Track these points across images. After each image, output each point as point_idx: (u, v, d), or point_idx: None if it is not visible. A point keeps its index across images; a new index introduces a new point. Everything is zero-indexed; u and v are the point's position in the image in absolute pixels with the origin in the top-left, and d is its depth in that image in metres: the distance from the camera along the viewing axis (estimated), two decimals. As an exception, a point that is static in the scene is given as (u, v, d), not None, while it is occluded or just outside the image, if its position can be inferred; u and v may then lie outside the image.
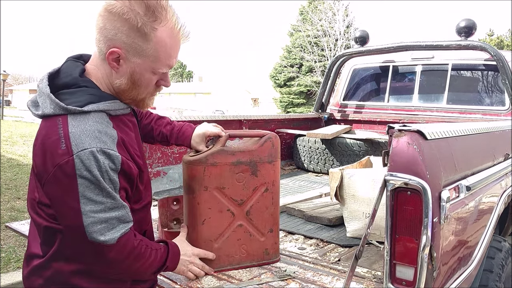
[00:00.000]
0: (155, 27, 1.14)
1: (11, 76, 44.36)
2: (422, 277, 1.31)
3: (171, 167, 3.02)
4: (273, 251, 1.79)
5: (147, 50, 1.16)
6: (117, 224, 1.14)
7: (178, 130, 1.71)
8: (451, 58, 3.89)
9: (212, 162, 1.65)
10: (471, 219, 1.67)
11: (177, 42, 1.21)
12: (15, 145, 11.25)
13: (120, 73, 1.19)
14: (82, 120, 1.11)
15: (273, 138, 1.76)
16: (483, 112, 3.61)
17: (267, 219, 1.76)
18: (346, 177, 2.16)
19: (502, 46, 26.77)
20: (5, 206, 5.36)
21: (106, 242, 1.12)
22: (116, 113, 1.21)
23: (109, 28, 1.13)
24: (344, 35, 24.81)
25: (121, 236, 1.15)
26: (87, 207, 1.09)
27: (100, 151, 1.09)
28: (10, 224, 2.31)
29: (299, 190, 3.11)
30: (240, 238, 1.72)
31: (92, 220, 1.10)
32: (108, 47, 1.15)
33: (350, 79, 4.54)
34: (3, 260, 3.78)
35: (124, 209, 1.16)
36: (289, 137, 4.19)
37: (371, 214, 1.42)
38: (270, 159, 1.75)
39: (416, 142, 1.35)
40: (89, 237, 1.10)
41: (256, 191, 1.73)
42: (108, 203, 1.12)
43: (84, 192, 1.08)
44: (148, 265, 1.28)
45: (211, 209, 1.67)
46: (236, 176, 1.69)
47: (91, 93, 1.16)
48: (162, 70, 1.21)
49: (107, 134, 1.13)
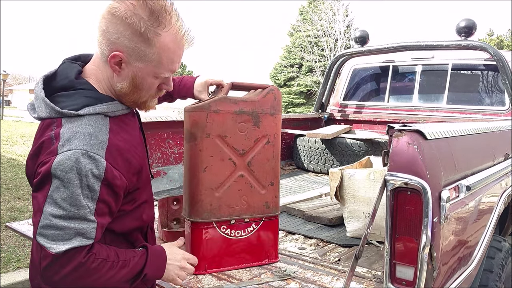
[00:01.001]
0: (159, 33, 1.12)
1: (11, 76, 44.38)
2: (422, 277, 1.31)
3: (171, 167, 3.02)
4: (273, 205, 1.81)
5: (150, 55, 1.14)
6: (73, 236, 1.05)
7: (178, 83, 1.73)
8: (451, 58, 3.89)
9: (215, 109, 1.66)
10: (471, 219, 1.67)
11: (181, 47, 1.20)
12: (15, 145, 11.26)
13: (122, 77, 1.17)
14: (75, 123, 1.10)
15: (275, 90, 1.78)
16: (483, 112, 3.61)
17: (268, 172, 1.78)
18: (346, 177, 2.16)
19: (502, 46, 26.76)
20: (5, 206, 5.36)
21: (49, 249, 1.03)
22: (115, 114, 1.19)
23: (112, 32, 1.11)
24: (344, 35, 24.81)
25: (70, 249, 1.05)
26: (48, 208, 1.04)
27: (85, 154, 1.05)
28: (10, 224, 2.31)
29: (299, 190, 3.11)
30: (241, 189, 1.73)
31: (47, 222, 1.04)
32: (110, 50, 1.13)
33: (350, 79, 4.54)
34: (3, 260, 3.78)
35: (87, 224, 1.07)
36: (289, 137, 4.19)
37: (371, 214, 1.42)
38: (272, 111, 1.76)
39: (416, 142, 1.35)
40: (37, 238, 1.04)
41: (258, 142, 1.74)
42: (71, 212, 1.04)
43: (53, 192, 1.04)
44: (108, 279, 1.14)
45: (212, 157, 1.67)
46: (239, 126, 1.70)
47: (87, 96, 1.14)
48: (164, 75, 1.20)
49: (98, 138, 1.09)
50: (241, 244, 1.77)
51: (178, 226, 2.13)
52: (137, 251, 1.23)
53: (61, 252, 1.04)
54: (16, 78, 66.18)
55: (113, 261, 1.14)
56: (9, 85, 55.76)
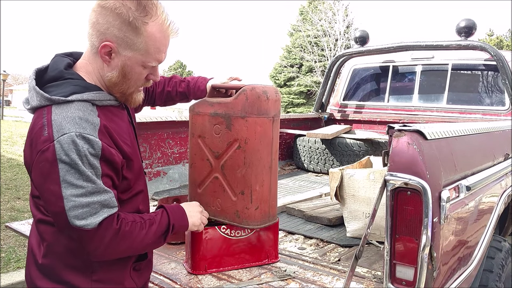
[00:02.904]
0: (146, 22, 1.19)
1: (11, 76, 44.34)
2: (422, 277, 1.31)
3: (171, 167, 3.02)
4: (244, 216, 1.69)
5: (138, 44, 1.20)
6: (100, 208, 1.13)
7: (193, 85, 1.81)
8: (451, 58, 3.90)
9: (197, 111, 1.76)
10: (471, 219, 1.67)
11: (166, 37, 1.26)
12: (15, 145, 11.25)
13: (112, 66, 1.23)
14: (65, 108, 1.15)
15: (248, 91, 1.63)
16: (483, 112, 3.61)
17: (239, 179, 1.67)
18: (346, 177, 2.16)
19: (502, 46, 26.77)
20: (5, 206, 5.36)
21: (85, 226, 1.11)
22: (102, 103, 1.24)
23: (101, 23, 1.18)
24: (344, 35, 24.80)
25: (103, 220, 1.14)
26: (68, 191, 1.09)
27: (79, 136, 1.10)
28: (10, 224, 2.31)
29: (299, 190, 3.11)
30: (216, 190, 1.73)
31: (73, 204, 1.10)
32: (100, 41, 1.19)
33: (350, 79, 4.54)
34: (3, 260, 3.78)
35: (107, 194, 1.15)
36: (289, 137, 4.20)
37: (371, 214, 1.42)
38: (243, 114, 1.63)
39: (416, 142, 1.35)
40: (70, 222, 1.10)
41: (230, 146, 1.68)
42: (89, 187, 1.11)
43: (65, 176, 1.09)
44: (144, 237, 1.26)
45: (196, 155, 1.78)
46: (214, 128, 1.71)
47: (75, 84, 1.20)
48: (151, 63, 1.25)
49: (88, 120, 1.15)
50: (241, 244, 1.77)
51: (178, 226, 2.13)
52: (156, 212, 1.36)
53: (96, 226, 1.12)
54: (16, 78, 66.12)
55: (141, 221, 1.25)
56: (9, 85, 55.74)
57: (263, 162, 1.67)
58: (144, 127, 2.80)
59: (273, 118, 1.68)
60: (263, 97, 1.64)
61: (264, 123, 1.65)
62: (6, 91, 49.68)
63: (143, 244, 1.26)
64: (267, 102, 1.64)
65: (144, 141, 2.83)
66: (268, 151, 1.69)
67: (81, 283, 1.21)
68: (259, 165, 1.67)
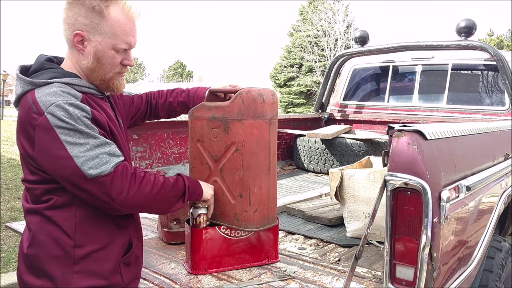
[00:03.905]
0: (107, 5, 1.29)
1: (11, 76, 44.32)
2: (422, 277, 1.31)
3: (171, 167, 3.02)
4: (243, 219, 1.69)
5: (105, 27, 1.30)
6: (108, 158, 1.22)
7: (193, 94, 1.87)
8: (451, 58, 3.89)
9: (195, 115, 1.78)
10: (471, 219, 1.67)
11: (130, 19, 1.35)
12: (15, 145, 11.22)
13: (86, 54, 1.32)
14: (47, 88, 1.23)
15: (244, 94, 1.64)
16: (483, 112, 3.61)
17: (237, 182, 1.68)
18: (346, 177, 2.16)
19: (502, 46, 26.77)
20: (5, 206, 5.36)
21: (102, 173, 1.19)
22: (82, 90, 1.31)
23: (70, 16, 1.29)
24: (344, 35, 24.79)
25: (116, 166, 1.23)
26: (74, 150, 1.18)
27: (67, 103, 1.19)
28: (10, 224, 2.31)
29: (299, 190, 3.11)
30: (215, 194, 1.73)
31: (84, 158, 1.18)
32: (72, 32, 1.29)
33: (350, 79, 4.54)
34: (3, 260, 3.78)
35: (110, 145, 1.25)
36: (289, 137, 4.19)
37: (371, 214, 1.42)
38: (239, 117, 1.64)
39: (416, 142, 1.35)
40: (86, 174, 1.18)
41: (228, 149, 1.70)
42: (92, 142, 1.20)
43: (66, 139, 1.18)
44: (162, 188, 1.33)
45: (195, 159, 1.80)
46: (212, 132, 1.73)
47: (55, 71, 1.30)
48: (121, 46, 1.33)
49: (70, 93, 1.24)
50: (241, 244, 1.77)
51: (178, 226, 2.13)
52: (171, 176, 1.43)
53: (111, 170, 1.21)
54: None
55: (155, 175, 1.34)
56: (9, 85, 55.66)
57: (260, 165, 1.68)
58: (144, 127, 2.79)
59: (269, 120, 1.69)
60: (259, 100, 1.65)
61: (261, 126, 1.66)
62: (6, 91, 49.69)
63: (164, 195, 1.33)
64: (263, 105, 1.66)
65: (144, 141, 2.83)
66: (266, 154, 1.69)
67: (62, 273, 1.23)
68: (257, 168, 1.67)
